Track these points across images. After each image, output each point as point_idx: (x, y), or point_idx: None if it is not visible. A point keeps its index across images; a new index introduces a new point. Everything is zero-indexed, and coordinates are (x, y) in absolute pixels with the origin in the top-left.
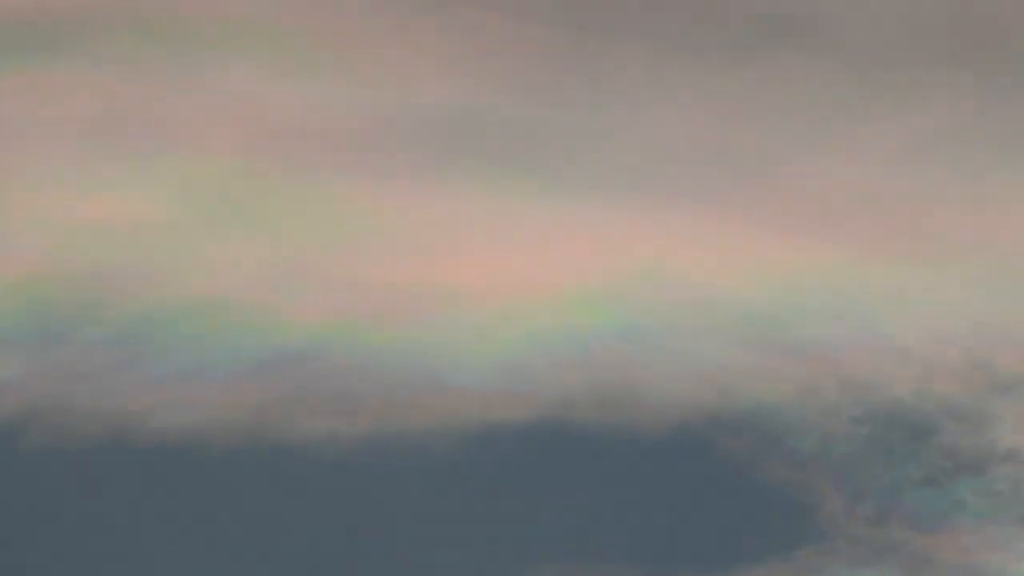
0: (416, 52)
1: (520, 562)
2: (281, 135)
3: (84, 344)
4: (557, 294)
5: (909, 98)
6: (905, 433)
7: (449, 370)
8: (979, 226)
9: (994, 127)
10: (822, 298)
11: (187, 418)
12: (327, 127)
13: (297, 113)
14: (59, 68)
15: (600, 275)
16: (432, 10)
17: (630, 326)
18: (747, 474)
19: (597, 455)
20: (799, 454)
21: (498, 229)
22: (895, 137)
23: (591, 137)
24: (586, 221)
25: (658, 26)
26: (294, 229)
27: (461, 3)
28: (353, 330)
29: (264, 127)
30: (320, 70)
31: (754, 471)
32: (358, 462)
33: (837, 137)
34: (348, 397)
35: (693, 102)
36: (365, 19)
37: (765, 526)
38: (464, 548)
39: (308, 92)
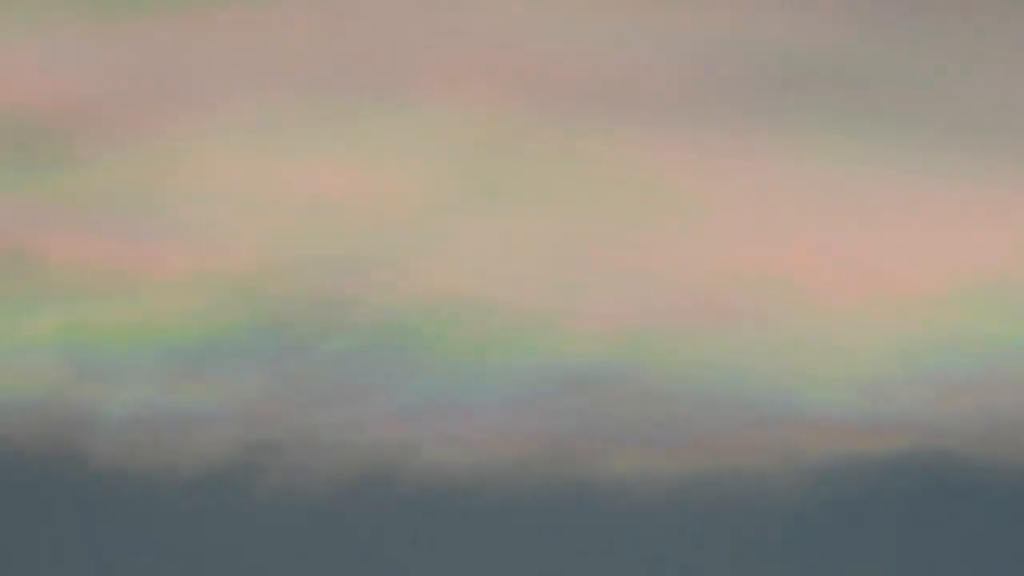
0: None
1: None
2: (556, 85)
3: (327, 359)
4: (937, 294)
5: None
6: None
7: (791, 392)
8: None
9: None
10: None
11: (459, 454)
12: (615, 75)
13: (575, 57)
14: (278, 5)
15: (997, 270)
16: None
17: None
18: None
19: (985, 496)
20: None
21: (852, 206)
22: None
23: (965, 86)
24: (976, 197)
25: None
26: (579, 207)
27: None
28: (661, 341)
29: (535, 76)
30: (608, 2)
31: None
32: (678, 507)
33: None
34: (661, 427)
35: None
36: None
37: None
38: None
39: (588, 31)
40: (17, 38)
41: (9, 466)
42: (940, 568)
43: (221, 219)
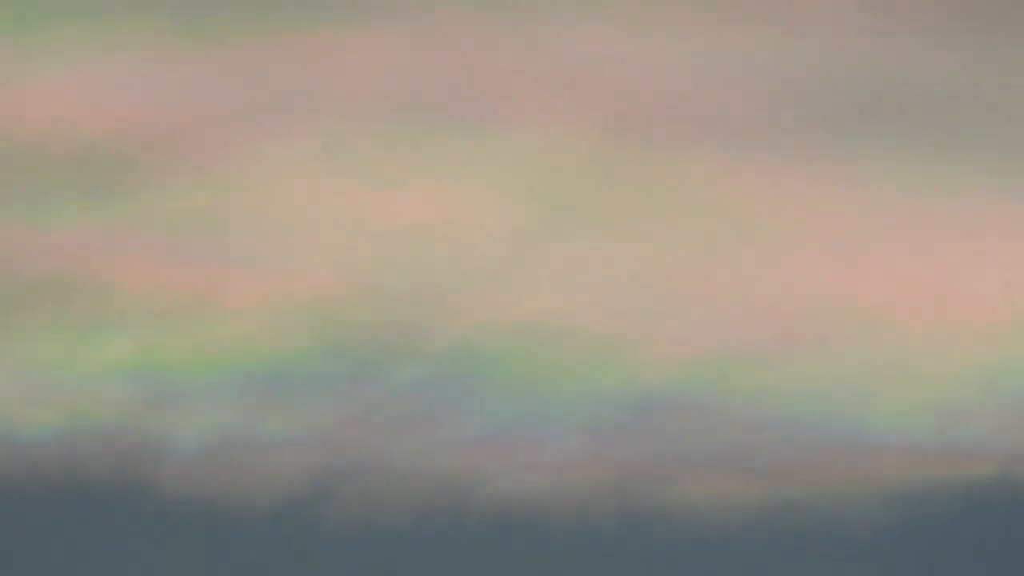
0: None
1: None
2: (636, 112)
3: (399, 386)
4: (1015, 320)
5: None
6: None
7: (867, 418)
8: None
9: None
10: None
11: (532, 481)
12: (696, 101)
13: (655, 83)
14: (355, 29)
15: None
16: None
17: None
18: None
19: None
20: None
21: (931, 233)
22: None
23: None
24: None
25: None
26: (656, 234)
27: None
28: (737, 368)
29: (620, 101)
30: (689, 25)
31: None
32: (754, 535)
33: None
34: (736, 454)
35: None
36: None
37: None
38: None
39: (670, 57)
40: (88, 64)
41: (82, 494)
42: None
43: (295, 246)
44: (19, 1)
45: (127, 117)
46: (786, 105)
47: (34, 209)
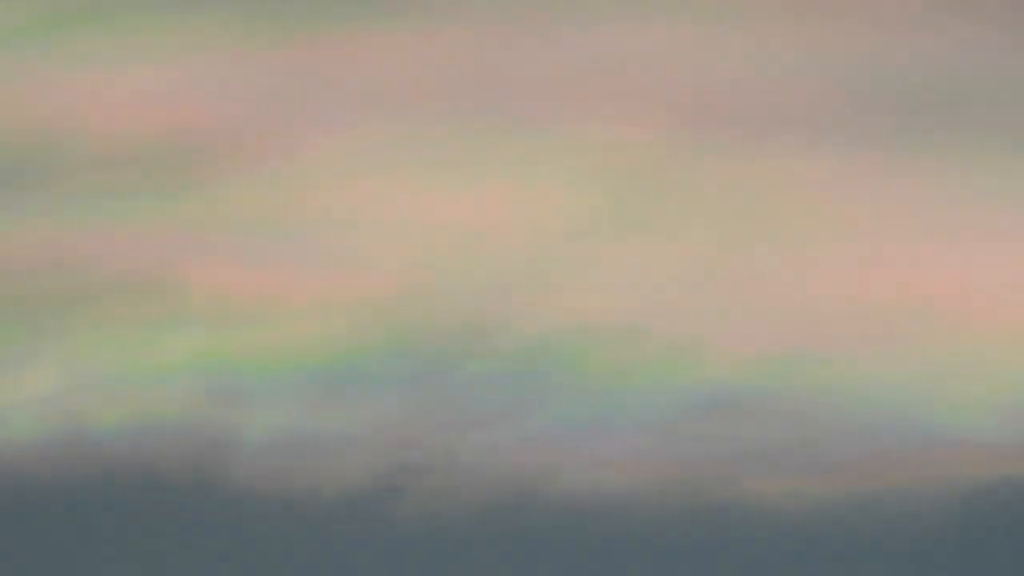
0: None
1: None
2: (701, 109)
3: (467, 383)
4: None
5: None
6: None
7: (934, 415)
8: None
9: None
10: None
11: (601, 478)
12: (762, 98)
13: (719, 80)
14: (419, 30)
15: None
16: None
17: None
18: None
19: None
20: None
21: (997, 228)
22: None
23: None
24: None
25: None
26: (723, 232)
27: None
28: (804, 365)
29: (685, 98)
30: (754, 22)
31: None
32: (822, 531)
33: None
34: (803, 450)
35: None
36: None
37: None
38: None
39: (735, 54)
40: (152, 64)
41: (152, 489)
42: None
43: (359, 244)
44: (88, 3)
45: (200, 118)
46: (854, 101)
47: (107, 209)
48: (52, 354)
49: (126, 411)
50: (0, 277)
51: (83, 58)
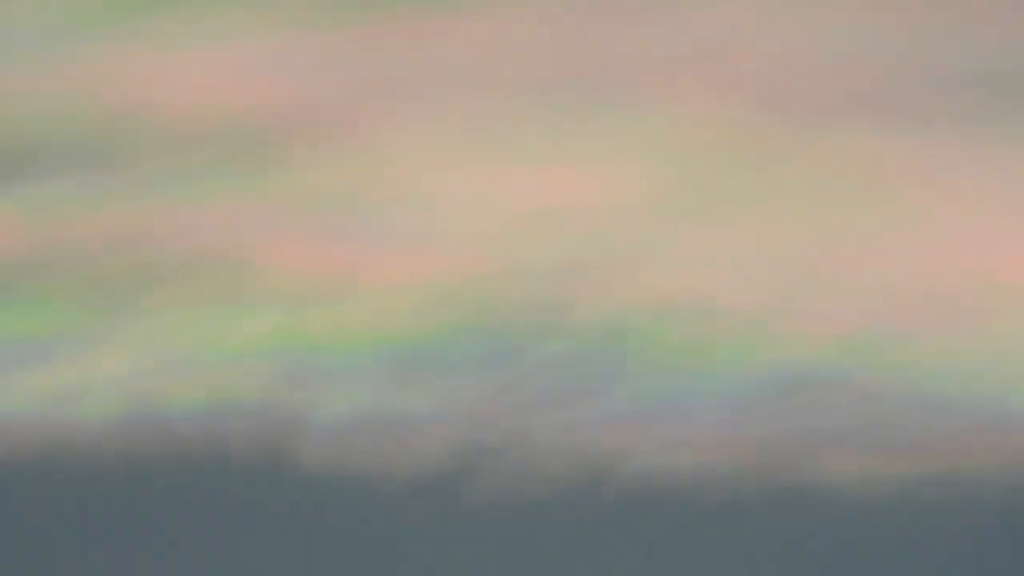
0: None
1: None
2: (778, 88)
3: (542, 363)
4: None
5: None
6: None
7: (1011, 395)
8: None
9: None
10: None
11: (674, 458)
12: (839, 77)
13: (797, 59)
14: (499, 8)
15: None
16: None
17: None
18: None
19: None
20: None
21: None
22: None
23: None
24: None
25: None
26: (798, 210)
27: None
28: (883, 345)
29: (762, 78)
30: (831, 1)
31: None
32: (897, 510)
33: None
34: (880, 430)
35: None
36: None
37: None
38: None
39: (811, 32)
40: (233, 40)
41: (224, 470)
42: None
43: (438, 224)
44: None
45: (272, 95)
46: (932, 81)
47: (179, 187)
48: (127, 334)
49: (200, 391)
50: (78, 257)
51: (164, 36)
